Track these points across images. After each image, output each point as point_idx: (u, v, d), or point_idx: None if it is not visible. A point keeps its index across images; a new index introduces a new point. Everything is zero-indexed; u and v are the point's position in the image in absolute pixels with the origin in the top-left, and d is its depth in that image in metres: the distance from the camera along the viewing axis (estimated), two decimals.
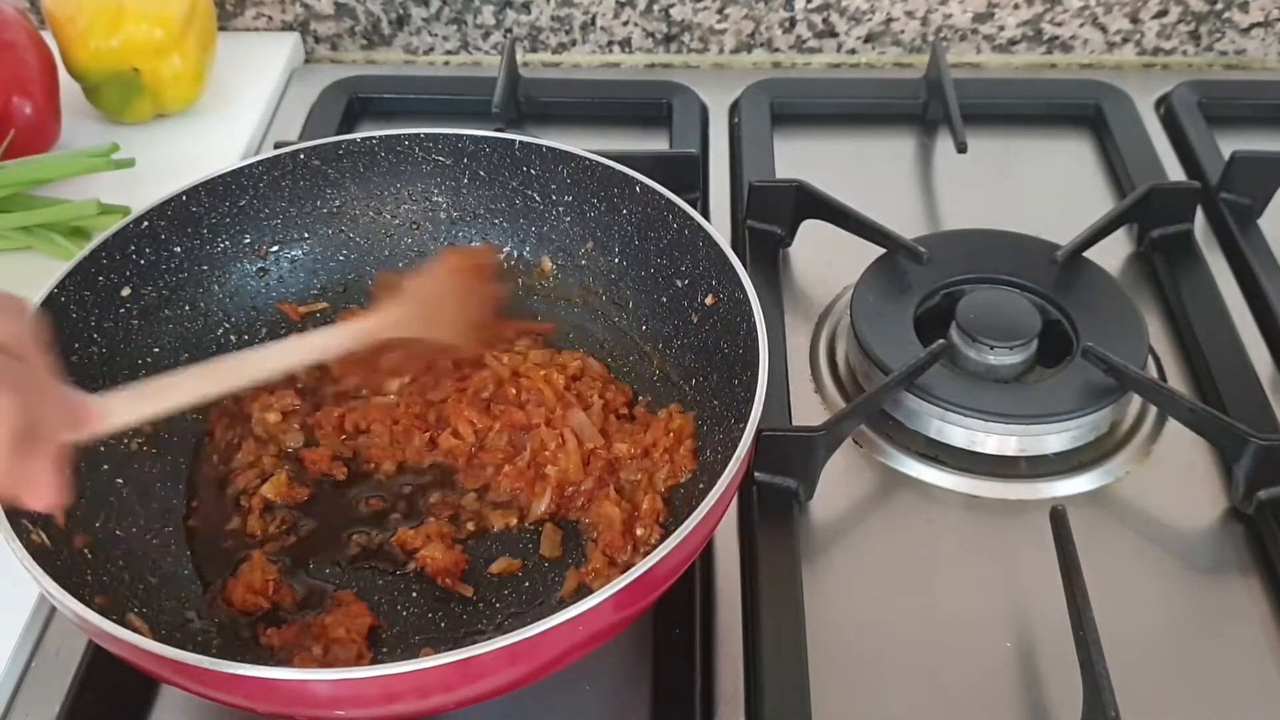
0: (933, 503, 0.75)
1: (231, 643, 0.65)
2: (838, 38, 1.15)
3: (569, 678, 0.64)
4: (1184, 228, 0.92)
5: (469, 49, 1.17)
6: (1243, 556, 0.72)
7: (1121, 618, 0.67)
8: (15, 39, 0.96)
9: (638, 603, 0.59)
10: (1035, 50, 1.15)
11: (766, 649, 0.65)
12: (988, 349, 0.79)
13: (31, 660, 0.67)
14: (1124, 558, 0.72)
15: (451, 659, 0.52)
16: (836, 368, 0.84)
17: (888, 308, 0.83)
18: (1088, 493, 0.76)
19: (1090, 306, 0.83)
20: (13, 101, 0.94)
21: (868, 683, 0.66)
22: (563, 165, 0.80)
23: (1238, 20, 1.12)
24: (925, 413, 0.78)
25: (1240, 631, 0.68)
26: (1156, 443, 0.79)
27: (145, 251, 0.76)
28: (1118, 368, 0.76)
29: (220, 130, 1.05)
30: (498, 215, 0.83)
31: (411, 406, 0.76)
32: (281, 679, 0.53)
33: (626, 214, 0.78)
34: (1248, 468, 0.73)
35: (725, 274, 0.71)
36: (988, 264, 0.86)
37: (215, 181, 0.78)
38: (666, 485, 0.71)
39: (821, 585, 0.70)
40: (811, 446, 0.73)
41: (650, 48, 1.16)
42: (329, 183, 0.82)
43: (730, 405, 0.69)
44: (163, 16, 0.99)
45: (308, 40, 1.17)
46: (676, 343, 0.76)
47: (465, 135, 0.81)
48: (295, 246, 0.82)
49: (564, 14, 1.14)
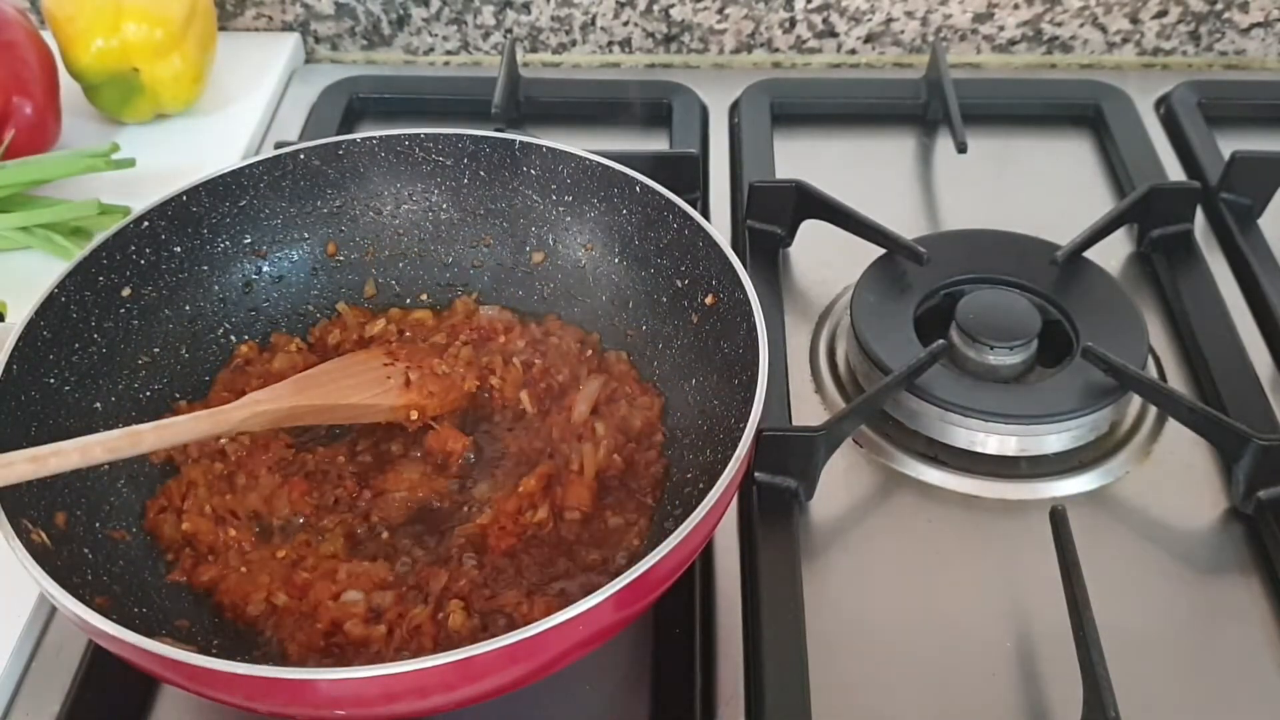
0: (933, 503, 0.75)
1: (231, 642, 0.65)
2: (838, 38, 1.15)
3: (569, 678, 0.64)
4: (1184, 228, 0.92)
5: (469, 49, 1.17)
6: (1243, 556, 0.72)
7: (1121, 618, 0.67)
8: (15, 39, 0.96)
9: (638, 603, 0.59)
10: (1035, 50, 1.15)
11: (766, 649, 0.65)
12: (988, 349, 0.79)
13: (31, 660, 0.67)
14: (1124, 558, 0.72)
15: (451, 659, 0.52)
16: (836, 368, 0.84)
17: (888, 308, 0.83)
18: (1088, 493, 0.76)
19: (1090, 306, 0.83)
20: (13, 101, 0.94)
21: (868, 683, 0.66)
22: (563, 165, 0.80)
23: (1238, 20, 1.12)
24: (925, 413, 0.78)
25: (1240, 631, 0.68)
26: (1156, 443, 0.79)
27: (145, 251, 0.76)
28: (1118, 368, 0.76)
29: (220, 130, 1.05)
30: (498, 215, 0.83)
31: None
32: (281, 679, 0.53)
33: (626, 214, 0.78)
34: (1248, 468, 0.73)
35: (725, 274, 0.71)
36: (988, 264, 0.86)
37: (215, 181, 0.78)
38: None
39: (821, 585, 0.70)
40: (811, 446, 0.73)
41: (650, 48, 1.16)
42: (329, 183, 0.82)
43: (730, 405, 0.69)
44: (163, 16, 0.99)
45: (308, 40, 1.17)
46: (676, 343, 0.76)
47: (465, 135, 0.81)
48: (295, 246, 0.82)
49: (564, 14, 1.14)
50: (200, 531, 0.69)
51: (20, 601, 0.68)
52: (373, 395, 0.74)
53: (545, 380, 0.77)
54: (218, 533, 0.69)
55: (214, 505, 0.70)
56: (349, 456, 0.74)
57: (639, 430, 0.74)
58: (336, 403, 0.73)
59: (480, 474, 0.73)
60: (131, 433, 0.63)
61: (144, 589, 0.66)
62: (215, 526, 0.69)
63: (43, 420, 0.67)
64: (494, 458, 0.74)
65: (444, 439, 0.74)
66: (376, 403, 0.74)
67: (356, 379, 0.75)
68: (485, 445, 0.74)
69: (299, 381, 0.74)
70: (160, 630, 0.62)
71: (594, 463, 0.71)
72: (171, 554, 0.69)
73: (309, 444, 0.74)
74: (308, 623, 0.65)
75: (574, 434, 0.74)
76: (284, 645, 0.64)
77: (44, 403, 0.68)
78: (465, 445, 0.74)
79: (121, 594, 0.64)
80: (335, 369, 0.76)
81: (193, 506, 0.70)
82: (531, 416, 0.76)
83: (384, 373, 0.76)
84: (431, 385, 0.75)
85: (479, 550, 0.68)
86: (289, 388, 0.72)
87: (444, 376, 0.76)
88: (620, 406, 0.75)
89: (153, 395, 0.74)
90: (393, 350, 0.78)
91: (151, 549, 0.69)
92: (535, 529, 0.69)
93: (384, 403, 0.74)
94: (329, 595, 0.65)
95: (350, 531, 0.69)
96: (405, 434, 0.75)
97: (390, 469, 0.73)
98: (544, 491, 0.70)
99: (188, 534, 0.69)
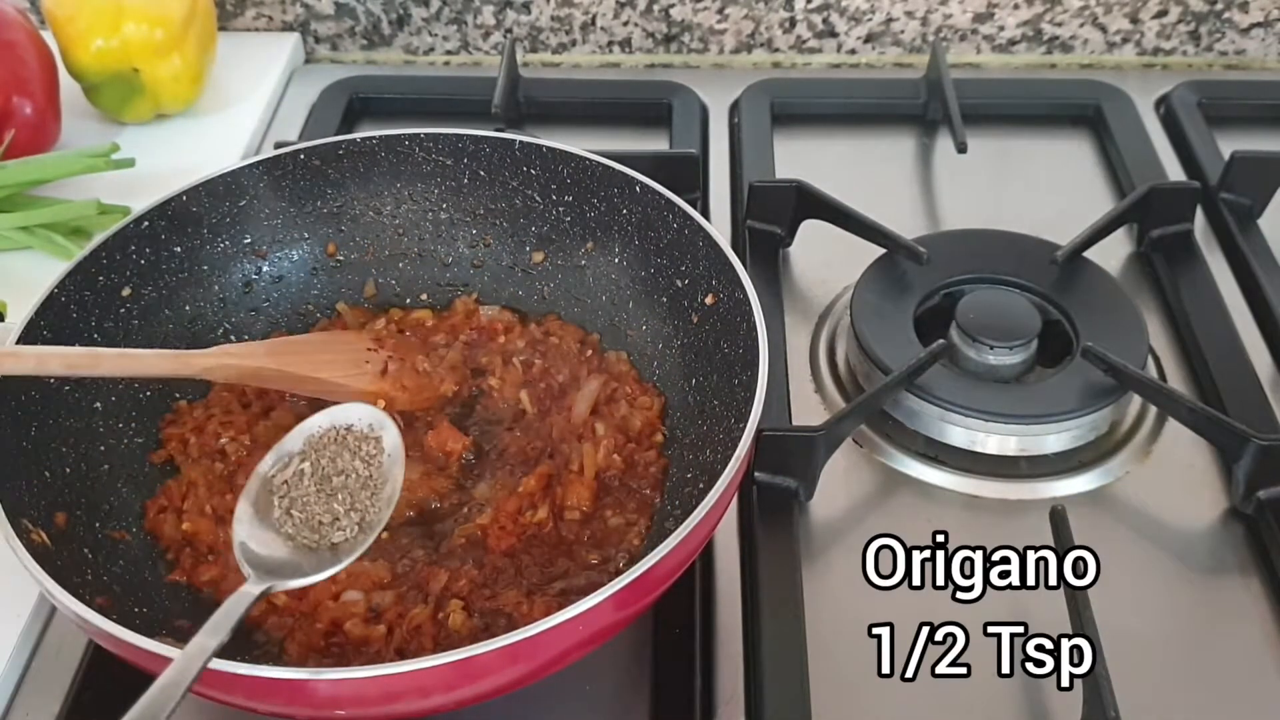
0: (933, 503, 0.75)
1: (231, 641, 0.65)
2: (838, 38, 1.15)
3: (569, 678, 0.64)
4: (1184, 228, 0.92)
5: (469, 49, 1.17)
6: (1243, 556, 0.72)
7: (1121, 618, 0.67)
8: (15, 39, 0.96)
9: (638, 602, 0.59)
10: (1035, 50, 1.15)
11: (766, 649, 0.65)
12: (988, 349, 0.79)
13: (31, 660, 0.67)
14: (1124, 558, 0.72)
15: (451, 659, 0.52)
16: (836, 368, 0.84)
17: (888, 308, 0.83)
18: (1088, 493, 0.76)
19: (1090, 306, 0.83)
20: (13, 101, 0.94)
21: (868, 683, 0.66)
22: (563, 165, 0.80)
23: (1238, 20, 1.12)
24: (925, 412, 0.78)
25: (1240, 631, 0.68)
26: (1156, 443, 0.79)
27: (145, 251, 0.76)
28: (1118, 368, 0.76)
29: (220, 130, 1.05)
30: (498, 215, 0.83)
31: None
32: (281, 679, 0.53)
33: (626, 214, 0.78)
34: (1248, 468, 0.73)
35: (725, 274, 0.71)
36: (988, 264, 0.86)
37: (215, 182, 0.78)
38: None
39: (821, 585, 0.70)
40: (811, 446, 0.73)
41: (650, 48, 1.16)
42: (329, 183, 0.82)
43: (730, 405, 0.69)
44: (163, 16, 0.99)
45: (308, 40, 1.17)
46: (676, 343, 0.76)
47: (465, 135, 0.81)
48: (295, 246, 0.82)
49: (564, 14, 1.14)
50: (200, 531, 0.69)
51: (20, 601, 0.68)
52: (345, 375, 0.74)
53: (545, 380, 0.77)
54: (218, 533, 0.69)
55: (214, 505, 0.70)
56: None
57: (639, 430, 0.74)
58: (306, 374, 0.72)
59: (480, 474, 0.73)
60: (92, 353, 0.64)
61: (144, 589, 0.66)
62: (215, 526, 0.69)
63: (42, 420, 0.67)
64: (494, 458, 0.74)
65: (444, 439, 0.74)
66: (346, 384, 0.73)
67: (334, 356, 0.74)
68: (485, 445, 0.74)
69: (275, 344, 0.74)
70: (160, 630, 0.62)
71: (594, 463, 0.71)
72: (172, 554, 0.69)
73: None
74: (307, 622, 0.65)
75: (574, 434, 0.74)
76: (284, 645, 0.64)
77: (44, 403, 0.68)
78: (465, 445, 0.74)
79: (121, 594, 0.64)
80: (317, 341, 0.76)
81: (193, 506, 0.70)
82: (531, 416, 0.76)
83: (363, 356, 0.75)
84: (407, 380, 0.75)
85: (479, 550, 0.68)
86: (264, 348, 0.72)
87: (422, 374, 0.76)
88: (620, 406, 0.75)
89: (152, 395, 0.74)
90: (380, 337, 0.78)
91: (152, 549, 0.69)
92: (535, 529, 0.69)
93: (354, 385, 0.73)
94: (329, 595, 0.65)
95: None
96: (405, 434, 0.75)
97: None
98: (544, 491, 0.70)
99: (188, 534, 0.69)
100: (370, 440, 0.64)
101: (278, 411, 0.76)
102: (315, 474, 0.63)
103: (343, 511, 0.62)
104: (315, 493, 0.62)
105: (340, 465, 0.63)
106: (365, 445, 0.64)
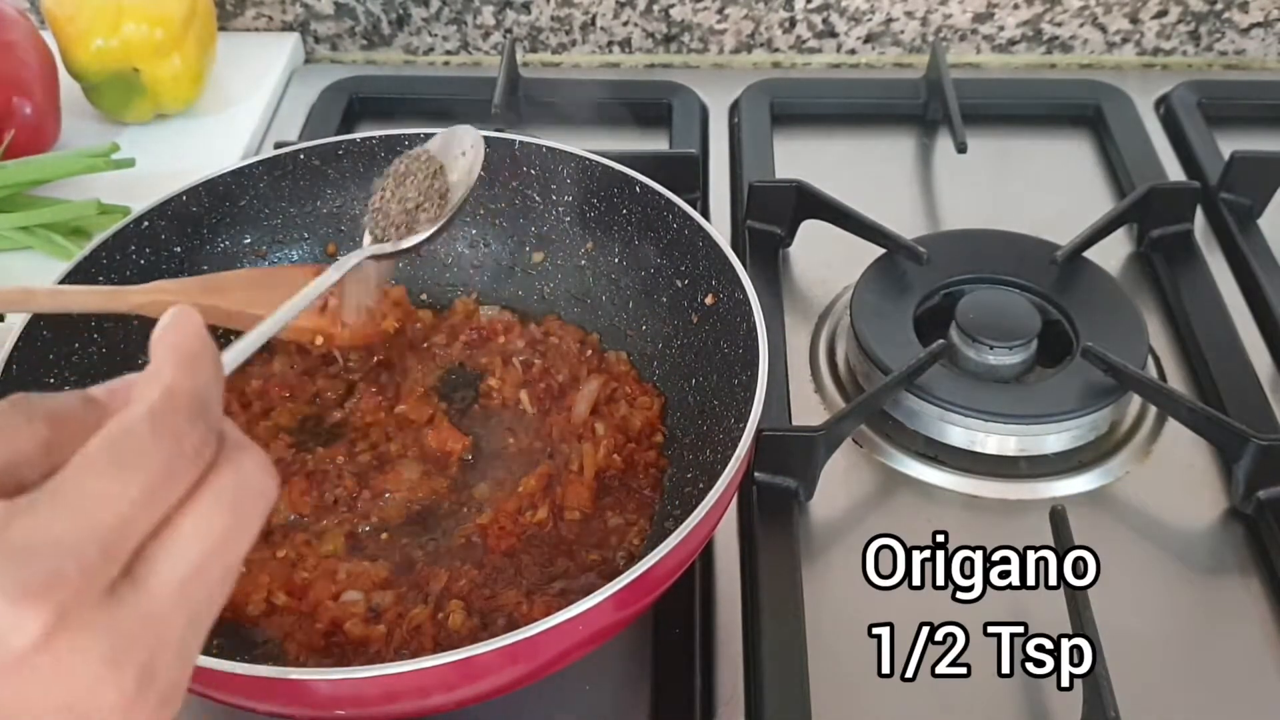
0: (933, 503, 0.75)
1: (231, 642, 0.65)
2: (838, 38, 1.15)
3: (569, 678, 0.64)
4: (1184, 228, 0.92)
5: (469, 49, 1.17)
6: (1243, 556, 0.72)
7: (1121, 618, 0.67)
8: (15, 39, 0.96)
9: (638, 602, 0.59)
10: (1035, 50, 1.15)
11: (766, 649, 0.65)
12: (988, 349, 0.79)
13: None
14: (1124, 558, 0.72)
15: (451, 659, 0.52)
16: (836, 368, 0.84)
17: (888, 308, 0.83)
18: (1088, 493, 0.76)
19: (1090, 306, 0.83)
20: (13, 101, 0.94)
21: (868, 683, 0.66)
22: (563, 165, 0.80)
23: (1238, 20, 1.12)
24: (925, 412, 0.78)
25: (1240, 631, 0.68)
26: (1156, 443, 0.79)
27: (145, 251, 0.76)
28: (1118, 368, 0.76)
29: (220, 130, 1.05)
30: (498, 215, 0.83)
31: None
32: (281, 679, 0.53)
33: (626, 214, 0.78)
34: (1248, 468, 0.73)
35: (725, 274, 0.71)
36: (987, 264, 0.86)
37: (215, 181, 0.78)
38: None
39: (821, 585, 0.70)
40: (811, 446, 0.73)
41: (650, 48, 1.16)
42: (329, 183, 0.82)
43: (730, 405, 0.69)
44: (163, 16, 0.99)
45: (308, 40, 1.17)
46: (676, 343, 0.76)
47: None
48: (295, 246, 0.82)
49: (564, 14, 1.14)
50: None
51: None
52: None
53: (545, 380, 0.77)
54: None
55: None
56: (348, 456, 0.74)
57: (639, 430, 0.74)
58: (242, 310, 0.71)
59: (480, 474, 0.73)
60: (25, 290, 0.64)
61: None
62: None
63: None
64: (494, 458, 0.74)
65: (444, 439, 0.74)
66: None
67: (271, 292, 0.73)
68: (485, 445, 0.74)
69: (210, 280, 0.73)
70: None
71: (594, 463, 0.71)
72: None
73: (308, 444, 0.74)
74: (307, 622, 0.65)
75: (574, 434, 0.74)
76: (284, 645, 0.64)
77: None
78: (465, 445, 0.74)
79: None
80: (255, 276, 0.74)
81: None
82: (531, 416, 0.76)
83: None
84: (347, 315, 0.74)
85: (479, 550, 0.68)
86: (199, 284, 0.71)
87: (363, 310, 0.75)
88: (620, 406, 0.75)
89: None
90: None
91: None
92: (535, 529, 0.69)
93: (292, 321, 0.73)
94: (329, 595, 0.65)
95: (350, 531, 0.69)
96: (405, 434, 0.75)
97: (389, 469, 0.73)
98: (544, 491, 0.70)
99: None
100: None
101: (278, 411, 0.76)
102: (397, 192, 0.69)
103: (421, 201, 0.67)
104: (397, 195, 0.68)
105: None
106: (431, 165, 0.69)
